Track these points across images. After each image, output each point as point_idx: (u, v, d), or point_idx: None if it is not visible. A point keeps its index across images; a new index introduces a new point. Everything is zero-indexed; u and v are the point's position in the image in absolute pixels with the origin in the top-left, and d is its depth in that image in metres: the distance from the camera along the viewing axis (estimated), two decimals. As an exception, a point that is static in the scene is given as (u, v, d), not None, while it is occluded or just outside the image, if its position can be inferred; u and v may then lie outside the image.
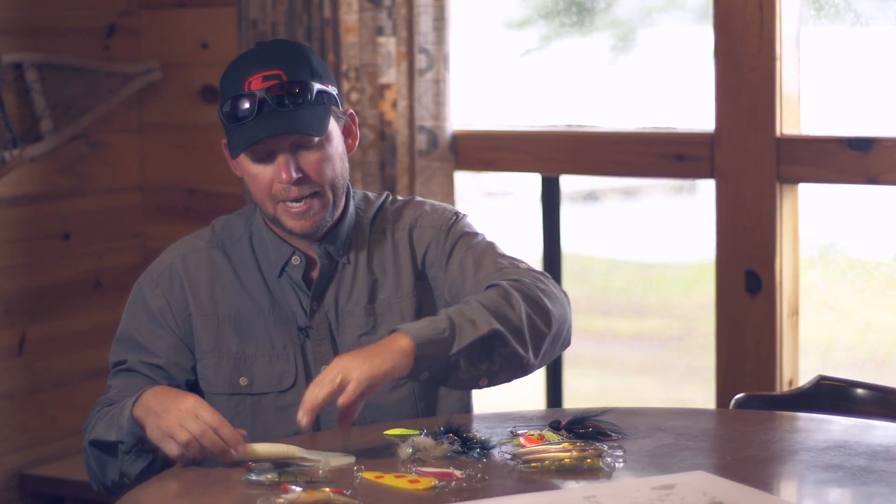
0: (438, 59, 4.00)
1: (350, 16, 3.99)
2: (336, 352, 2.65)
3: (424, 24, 4.00)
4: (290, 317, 2.67)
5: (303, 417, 2.35)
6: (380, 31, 3.99)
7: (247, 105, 2.56)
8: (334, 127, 2.64)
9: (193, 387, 2.67)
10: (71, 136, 4.32)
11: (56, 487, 4.28)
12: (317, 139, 2.60)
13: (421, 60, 3.99)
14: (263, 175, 2.60)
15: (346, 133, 2.70)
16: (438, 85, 4.01)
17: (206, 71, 4.44)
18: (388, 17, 3.99)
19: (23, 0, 4.22)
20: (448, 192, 4.05)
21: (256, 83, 2.57)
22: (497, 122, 4.25)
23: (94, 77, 4.34)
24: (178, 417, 2.37)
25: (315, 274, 2.68)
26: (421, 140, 4.04)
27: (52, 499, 4.33)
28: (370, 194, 2.79)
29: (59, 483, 4.27)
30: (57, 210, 4.34)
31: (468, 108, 4.24)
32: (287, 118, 2.57)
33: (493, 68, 4.45)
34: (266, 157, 2.60)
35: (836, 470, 2.28)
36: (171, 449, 2.38)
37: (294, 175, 2.58)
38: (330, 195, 2.63)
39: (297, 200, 2.60)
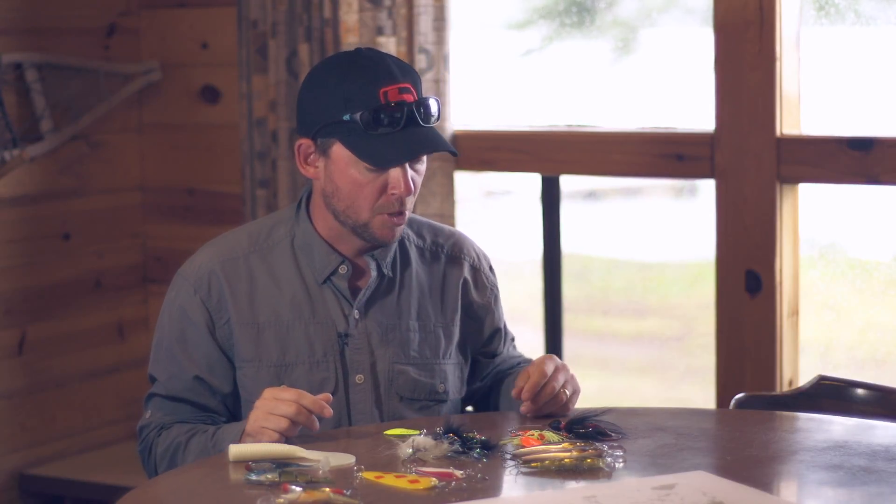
0: (438, 60, 4.00)
1: (350, 16, 3.99)
2: (374, 363, 2.67)
3: (424, 24, 3.99)
4: (331, 324, 2.66)
5: (526, 405, 2.57)
6: (380, 31, 3.99)
7: (395, 116, 2.55)
8: None
9: (231, 397, 2.66)
10: (71, 136, 4.32)
11: (56, 487, 4.28)
12: (425, 158, 2.63)
13: (421, 60, 3.98)
14: (375, 184, 2.59)
15: None
16: (438, 85, 4.00)
17: (206, 71, 4.44)
18: (388, 17, 3.99)
19: (23, 0, 4.22)
20: (448, 192, 4.04)
21: (393, 94, 2.56)
22: (497, 122, 4.25)
23: (94, 77, 4.34)
24: (263, 410, 2.43)
25: (360, 284, 2.69)
26: (421, 140, 4.03)
27: (52, 499, 4.33)
28: None
29: (59, 483, 4.26)
30: (57, 210, 4.34)
31: (468, 109, 4.24)
32: (428, 135, 2.59)
33: (494, 68, 4.45)
34: (382, 168, 2.60)
35: (836, 470, 2.28)
36: (271, 437, 2.42)
37: (411, 189, 2.60)
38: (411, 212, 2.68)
39: (399, 213, 2.61)
